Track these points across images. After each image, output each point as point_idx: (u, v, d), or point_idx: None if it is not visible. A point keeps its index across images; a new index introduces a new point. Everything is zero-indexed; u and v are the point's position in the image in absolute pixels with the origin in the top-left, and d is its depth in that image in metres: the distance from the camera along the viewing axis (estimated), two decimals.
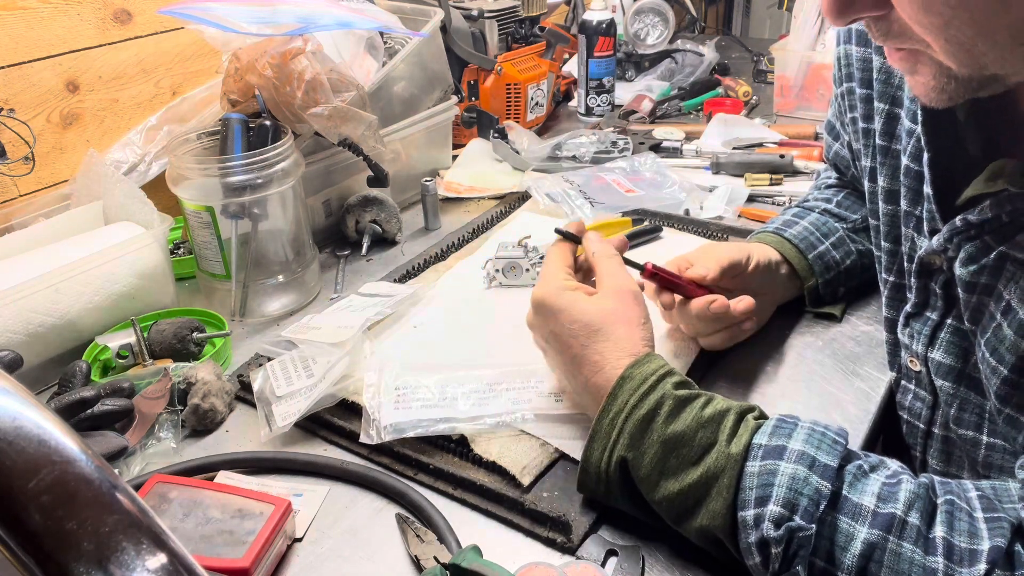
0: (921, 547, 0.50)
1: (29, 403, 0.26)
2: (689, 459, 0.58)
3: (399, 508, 0.67)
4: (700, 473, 0.57)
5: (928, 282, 0.66)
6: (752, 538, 0.54)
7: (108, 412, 0.73)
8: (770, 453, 0.56)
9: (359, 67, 1.15)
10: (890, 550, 0.51)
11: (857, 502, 0.53)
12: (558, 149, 1.33)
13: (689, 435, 0.59)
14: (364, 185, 1.10)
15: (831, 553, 0.52)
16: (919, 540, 0.51)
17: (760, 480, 0.55)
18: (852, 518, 0.52)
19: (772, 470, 0.55)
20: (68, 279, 0.84)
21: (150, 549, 0.25)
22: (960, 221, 0.59)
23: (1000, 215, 0.56)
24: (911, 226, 0.68)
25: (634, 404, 0.61)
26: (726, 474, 0.56)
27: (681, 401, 0.61)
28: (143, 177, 1.11)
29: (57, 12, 1.04)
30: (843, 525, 0.52)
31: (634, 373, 0.63)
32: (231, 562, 0.58)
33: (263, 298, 0.97)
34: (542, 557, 0.61)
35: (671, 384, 0.62)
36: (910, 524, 0.51)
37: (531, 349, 0.75)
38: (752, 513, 0.54)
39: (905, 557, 0.50)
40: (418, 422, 0.71)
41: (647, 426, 0.60)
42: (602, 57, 1.57)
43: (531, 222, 1.13)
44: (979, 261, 0.59)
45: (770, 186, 1.22)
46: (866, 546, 0.51)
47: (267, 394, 0.77)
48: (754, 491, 0.55)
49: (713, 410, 0.60)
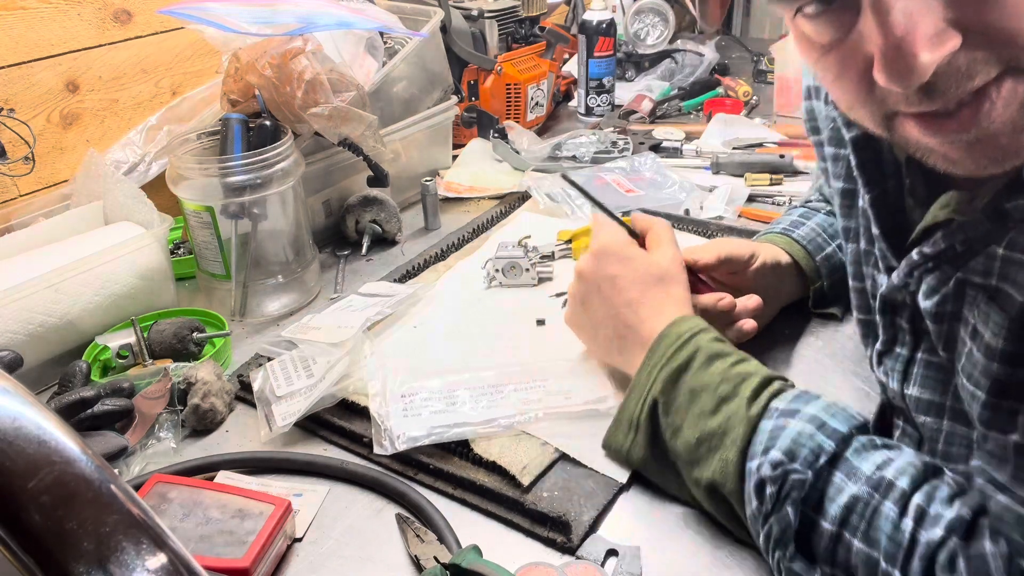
0: (899, 508, 0.52)
1: (29, 403, 0.26)
2: (708, 409, 0.62)
3: (399, 508, 0.67)
4: (717, 423, 0.61)
5: (894, 318, 0.66)
6: (752, 483, 0.58)
7: (108, 412, 0.73)
8: (784, 414, 0.59)
9: (359, 67, 1.15)
10: (872, 506, 0.53)
11: (856, 465, 0.55)
12: (558, 149, 1.33)
13: (712, 386, 0.63)
14: (364, 185, 1.10)
15: (820, 503, 0.55)
16: (900, 502, 0.52)
17: (770, 435, 0.58)
18: (847, 476, 0.55)
19: (782, 426, 0.58)
20: (68, 279, 0.84)
21: (150, 549, 0.25)
22: (917, 255, 0.59)
23: (953, 244, 0.55)
24: (871, 264, 0.68)
25: (671, 355, 0.67)
26: (740, 428, 0.60)
27: (714, 355, 0.65)
28: (143, 177, 1.11)
29: (57, 12, 1.04)
30: (837, 480, 0.55)
31: (673, 330, 0.69)
32: (231, 562, 0.58)
33: (263, 298, 0.97)
34: (542, 557, 0.61)
35: (707, 339, 0.67)
36: (897, 487, 0.53)
37: (531, 348, 0.75)
38: (756, 462, 0.58)
39: (882, 514, 0.52)
40: (431, 429, 0.70)
41: (679, 375, 0.65)
42: (602, 57, 1.57)
43: (531, 222, 1.13)
44: (940, 291, 0.58)
45: (770, 186, 1.22)
46: (852, 499, 0.53)
47: (267, 394, 0.77)
48: (762, 444, 0.58)
49: (742, 369, 0.64)
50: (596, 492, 0.66)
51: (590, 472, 0.68)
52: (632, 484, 0.68)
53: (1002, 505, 0.50)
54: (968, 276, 0.55)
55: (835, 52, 0.49)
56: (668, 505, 0.66)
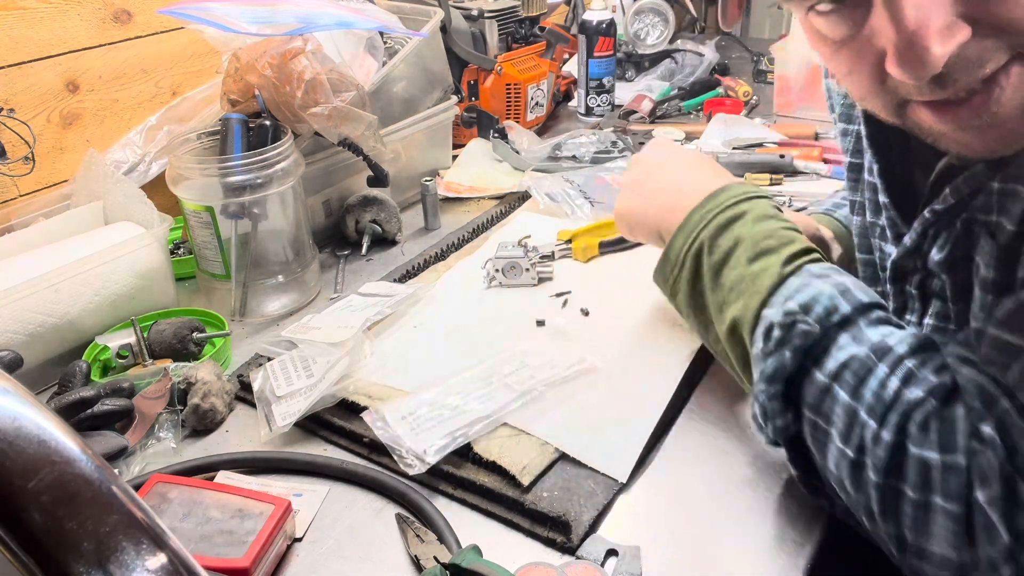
0: (890, 369, 0.54)
1: (29, 403, 0.26)
2: (748, 257, 0.65)
3: (399, 508, 0.67)
4: (752, 271, 0.64)
5: (904, 286, 0.68)
6: (763, 326, 0.61)
7: (108, 412, 0.73)
8: (815, 275, 0.61)
9: (359, 67, 1.15)
10: (867, 366, 0.55)
11: (864, 331, 0.57)
12: (558, 149, 1.33)
13: (758, 239, 0.66)
14: (364, 185, 1.10)
15: (820, 357, 0.57)
16: (893, 364, 0.54)
17: (795, 289, 0.61)
18: (853, 338, 0.57)
19: (807, 284, 0.60)
20: (68, 279, 0.84)
21: (150, 549, 0.25)
22: (929, 212, 0.61)
23: (962, 198, 0.58)
24: (876, 236, 0.71)
25: (729, 204, 0.69)
26: (770, 279, 0.63)
27: (768, 215, 0.68)
28: (143, 177, 1.11)
29: (57, 12, 1.04)
30: (842, 340, 0.57)
31: (737, 187, 0.71)
32: (231, 562, 0.58)
33: (263, 298, 0.97)
34: (542, 557, 0.61)
35: (766, 203, 0.69)
36: (894, 352, 0.55)
37: (525, 339, 0.75)
38: (774, 309, 0.61)
39: (874, 374, 0.55)
40: (452, 434, 0.69)
41: (730, 223, 0.68)
42: (602, 57, 1.57)
43: (531, 222, 1.13)
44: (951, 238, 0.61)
45: (770, 186, 1.22)
46: (850, 357, 0.56)
47: (267, 394, 0.77)
48: (784, 295, 0.61)
49: (790, 234, 0.66)
50: (596, 492, 0.66)
51: (590, 472, 0.68)
52: (632, 484, 0.68)
53: (966, 377, 0.52)
54: (973, 215, 0.58)
55: (848, 47, 0.51)
56: (668, 505, 0.66)
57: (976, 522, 0.48)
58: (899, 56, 0.46)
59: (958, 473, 0.49)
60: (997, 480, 0.48)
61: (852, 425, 0.55)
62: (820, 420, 0.57)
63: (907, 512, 0.51)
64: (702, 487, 0.67)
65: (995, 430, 0.49)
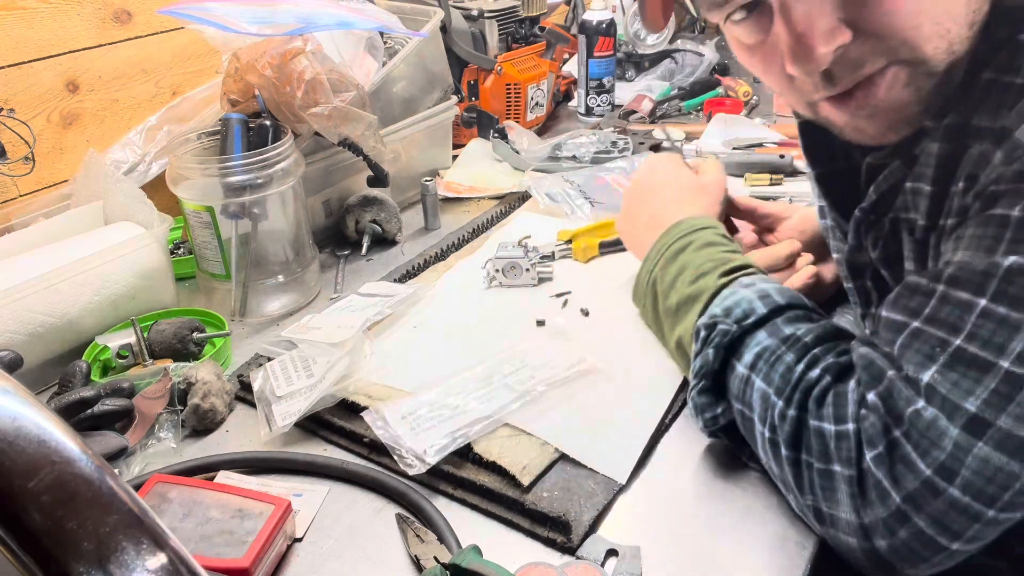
0: (797, 356, 0.60)
1: (29, 403, 0.26)
2: (689, 279, 0.73)
3: (399, 508, 0.67)
4: (691, 292, 0.72)
5: (862, 281, 0.75)
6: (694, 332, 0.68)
7: (108, 412, 0.73)
8: (743, 286, 0.68)
9: (359, 67, 1.14)
10: (777, 354, 0.61)
11: (780, 327, 0.63)
12: (558, 149, 1.33)
13: (698, 263, 0.74)
14: (364, 185, 1.10)
15: (741, 352, 0.64)
16: (800, 351, 0.60)
17: (720, 298, 0.68)
18: (769, 333, 0.63)
19: (734, 292, 0.67)
20: (68, 279, 0.84)
21: (150, 549, 0.25)
22: (858, 211, 0.69)
23: (884, 194, 0.66)
24: (831, 237, 0.78)
25: (679, 237, 0.78)
26: (707, 294, 0.70)
27: (710, 243, 0.76)
28: (143, 177, 1.11)
29: (57, 12, 1.04)
30: (759, 336, 0.63)
31: (688, 221, 0.80)
32: (231, 562, 0.58)
33: (263, 298, 0.97)
34: (542, 557, 0.61)
35: (712, 232, 0.77)
36: (802, 341, 0.61)
37: (525, 339, 0.75)
38: (703, 318, 0.68)
39: (783, 360, 0.60)
40: (452, 434, 0.69)
41: (677, 255, 0.77)
42: (602, 57, 1.57)
43: (531, 222, 1.13)
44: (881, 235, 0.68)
45: (770, 186, 1.22)
46: (763, 348, 0.62)
47: (267, 394, 0.77)
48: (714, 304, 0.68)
49: (728, 256, 0.73)
50: (596, 492, 0.66)
51: (590, 472, 0.68)
52: (632, 484, 0.68)
53: (859, 354, 0.58)
54: (896, 214, 0.65)
55: (760, 51, 0.61)
56: (668, 505, 0.66)
57: (868, 483, 0.53)
58: (792, 55, 0.56)
59: (847, 439, 0.54)
60: (882, 441, 0.53)
61: (766, 408, 0.60)
62: (744, 408, 0.63)
63: (816, 482, 0.57)
64: (702, 487, 0.67)
65: (879, 397, 0.54)
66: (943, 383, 0.51)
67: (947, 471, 0.50)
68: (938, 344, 0.52)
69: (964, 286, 0.52)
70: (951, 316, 0.52)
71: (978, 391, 0.50)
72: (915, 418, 0.52)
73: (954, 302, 0.52)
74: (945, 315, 0.53)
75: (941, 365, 0.52)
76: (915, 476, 0.51)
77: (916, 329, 0.54)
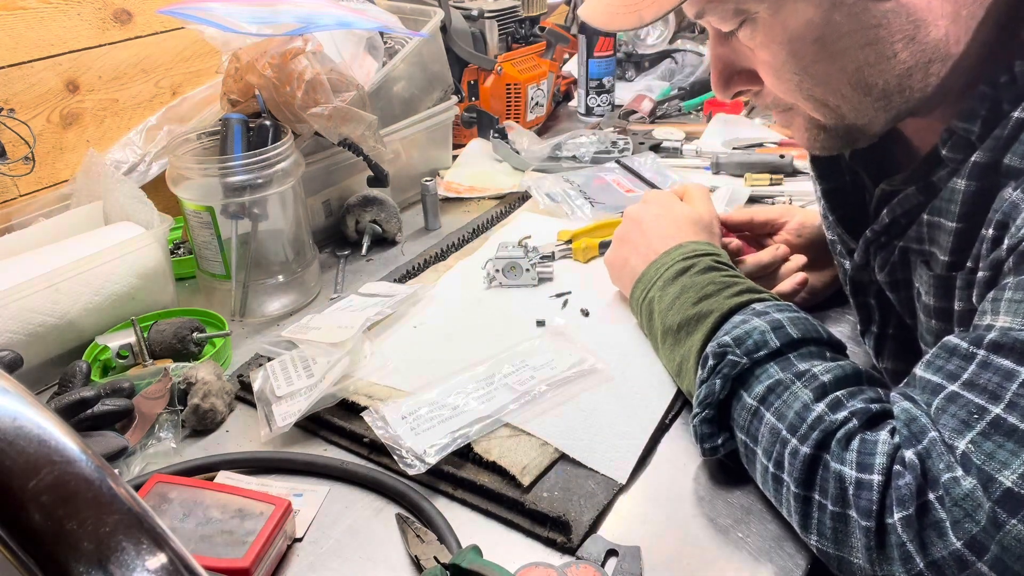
0: (815, 395, 0.58)
1: (29, 403, 0.26)
2: (692, 301, 0.72)
3: (399, 508, 0.67)
4: (695, 312, 0.71)
5: (865, 299, 0.75)
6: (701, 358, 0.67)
7: (108, 412, 0.73)
8: (756, 314, 0.67)
9: (359, 67, 1.14)
10: (791, 390, 0.60)
11: (794, 362, 0.62)
12: (558, 149, 1.33)
13: (700, 286, 0.73)
14: (364, 185, 1.10)
15: (750, 384, 0.63)
16: (818, 391, 0.59)
17: (732, 325, 0.66)
18: (781, 368, 0.62)
19: (745, 321, 0.66)
20: (68, 279, 0.84)
21: (150, 549, 0.25)
22: (869, 232, 0.69)
23: (897, 219, 0.65)
24: (836, 252, 0.78)
25: (679, 259, 0.77)
26: (715, 315, 0.69)
27: (712, 267, 0.75)
28: (143, 177, 1.11)
29: (57, 12, 1.04)
30: (770, 369, 0.62)
31: (690, 245, 0.79)
32: (231, 562, 0.58)
33: (263, 298, 0.97)
34: (542, 557, 0.61)
35: (713, 258, 0.76)
36: (819, 380, 0.59)
37: (525, 340, 0.75)
38: (712, 345, 0.67)
39: (798, 397, 0.59)
40: (452, 434, 0.69)
41: (677, 276, 0.76)
42: (602, 57, 1.57)
43: (531, 222, 1.13)
44: (889, 261, 0.68)
45: (770, 186, 1.22)
46: (775, 382, 0.61)
47: (267, 394, 0.77)
48: (723, 330, 0.67)
49: (732, 280, 0.72)
50: (596, 492, 0.66)
51: (590, 472, 0.68)
52: (632, 484, 0.68)
53: (901, 407, 0.56)
54: (908, 244, 0.65)
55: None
56: (668, 505, 0.66)
57: (889, 541, 0.51)
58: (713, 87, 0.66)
59: (870, 490, 0.52)
60: (913, 503, 0.51)
61: (774, 442, 0.59)
62: (748, 440, 0.62)
63: (828, 524, 0.55)
64: (702, 487, 0.67)
65: (917, 457, 0.52)
66: (978, 453, 0.49)
67: (978, 546, 0.48)
68: (976, 411, 0.51)
69: (1007, 354, 0.50)
70: (991, 383, 0.51)
71: (1015, 464, 0.48)
72: (952, 485, 0.50)
73: (994, 369, 0.51)
74: (984, 381, 0.51)
75: (977, 433, 0.50)
76: (944, 546, 0.49)
77: (953, 393, 0.52)
